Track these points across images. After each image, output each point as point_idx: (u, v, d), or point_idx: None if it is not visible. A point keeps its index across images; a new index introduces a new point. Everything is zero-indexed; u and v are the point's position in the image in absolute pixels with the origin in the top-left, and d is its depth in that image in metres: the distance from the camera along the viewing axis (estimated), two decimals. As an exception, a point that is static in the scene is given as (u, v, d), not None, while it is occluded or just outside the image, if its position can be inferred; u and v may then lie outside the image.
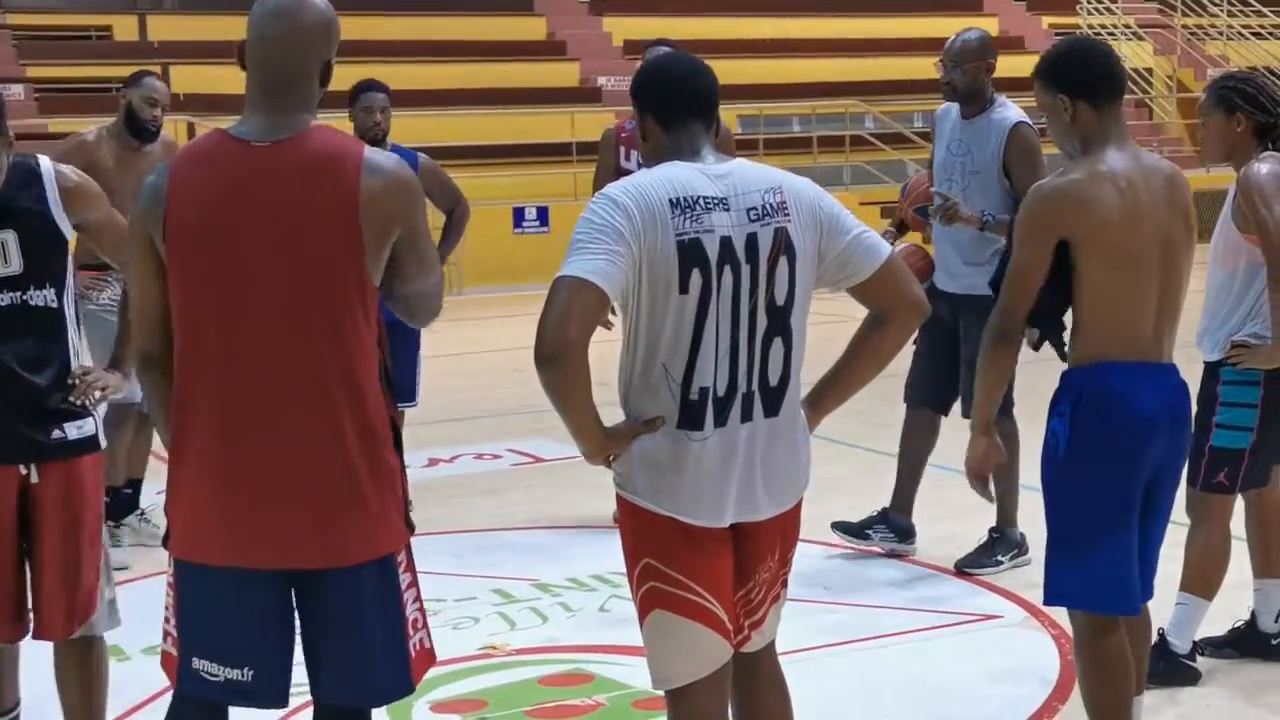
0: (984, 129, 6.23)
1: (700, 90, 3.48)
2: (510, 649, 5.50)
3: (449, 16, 22.57)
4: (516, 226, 18.44)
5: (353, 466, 3.18)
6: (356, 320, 3.17)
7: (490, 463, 8.77)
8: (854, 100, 20.87)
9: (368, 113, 7.31)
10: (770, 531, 3.46)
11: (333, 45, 3.27)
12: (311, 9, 3.24)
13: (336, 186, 3.13)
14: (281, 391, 3.16)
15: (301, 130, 3.19)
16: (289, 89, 3.21)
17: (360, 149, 3.21)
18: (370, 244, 3.15)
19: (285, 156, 3.16)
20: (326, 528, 3.18)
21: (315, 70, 3.24)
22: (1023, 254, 3.97)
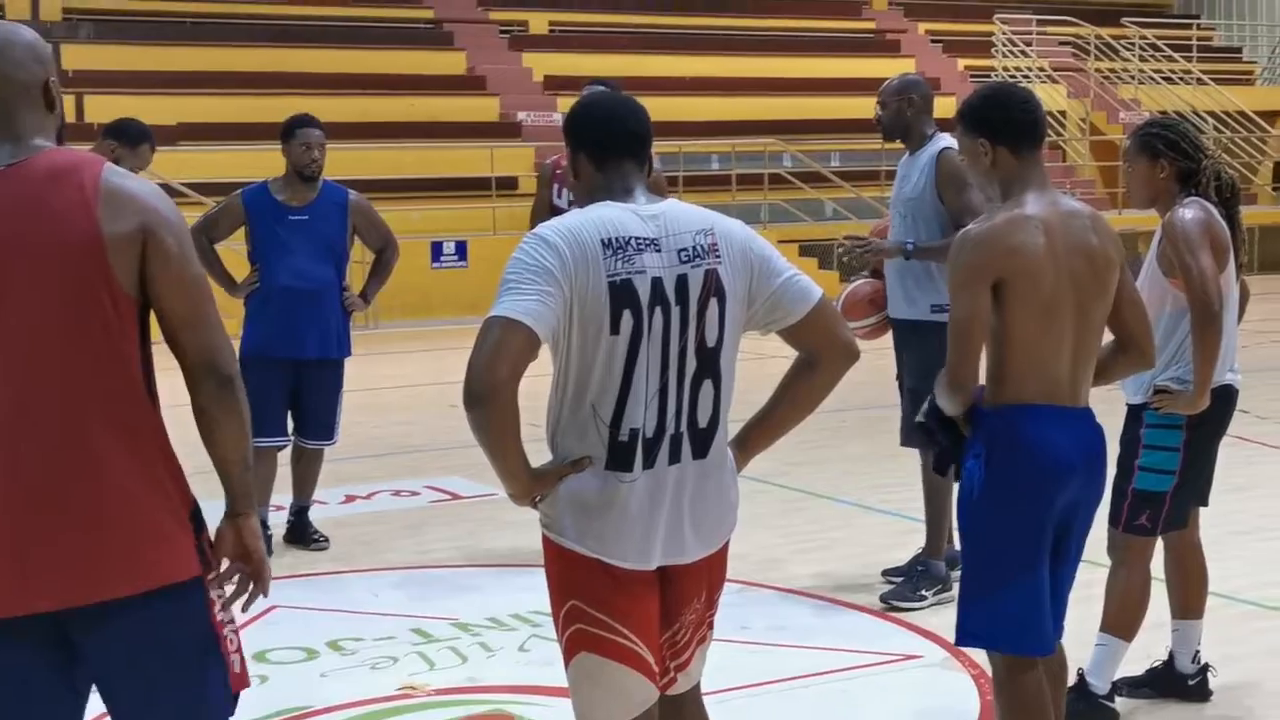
0: (919, 160, 6.47)
1: (633, 130, 3.47)
2: (429, 689, 5.44)
3: (368, 50, 22.51)
4: (434, 261, 18.38)
5: (122, 491, 3.00)
6: (111, 331, 3.01)
7: (408, 500, 8.70)
8: (772, 139, 21.01)
9: (305, 149, 7.25)
10: (697, 573, 3.45)
11: (47, 67, 3.13)
12: (16, 33, 3.12)
13: (73, 196, 3.00)
14: (35, 418, 2.99)
15: (36, 153, 3.06)
16: (10, 118, 3.06)
17: (100, 162, 3.09)
18: (114, 251, 2.99)
19: (18, 177, 3.03)
20: (97, 562, 2.98)
21: (36, 93, 3.10)
22: (961, 303, 3.95)
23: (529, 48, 24.14)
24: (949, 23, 28.42)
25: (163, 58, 20.52)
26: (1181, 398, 4.84)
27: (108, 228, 2.99)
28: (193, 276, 3.09)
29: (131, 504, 3.02)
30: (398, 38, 23.70)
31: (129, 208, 3.02)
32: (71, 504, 2.99)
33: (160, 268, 3.04)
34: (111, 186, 3.03)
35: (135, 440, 3.05)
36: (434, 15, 24.63)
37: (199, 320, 3.07)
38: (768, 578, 6.69)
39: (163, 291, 3.04)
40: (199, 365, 3.07)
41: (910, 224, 6.43)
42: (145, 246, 3.02)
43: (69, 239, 2.99)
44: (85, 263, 2.99)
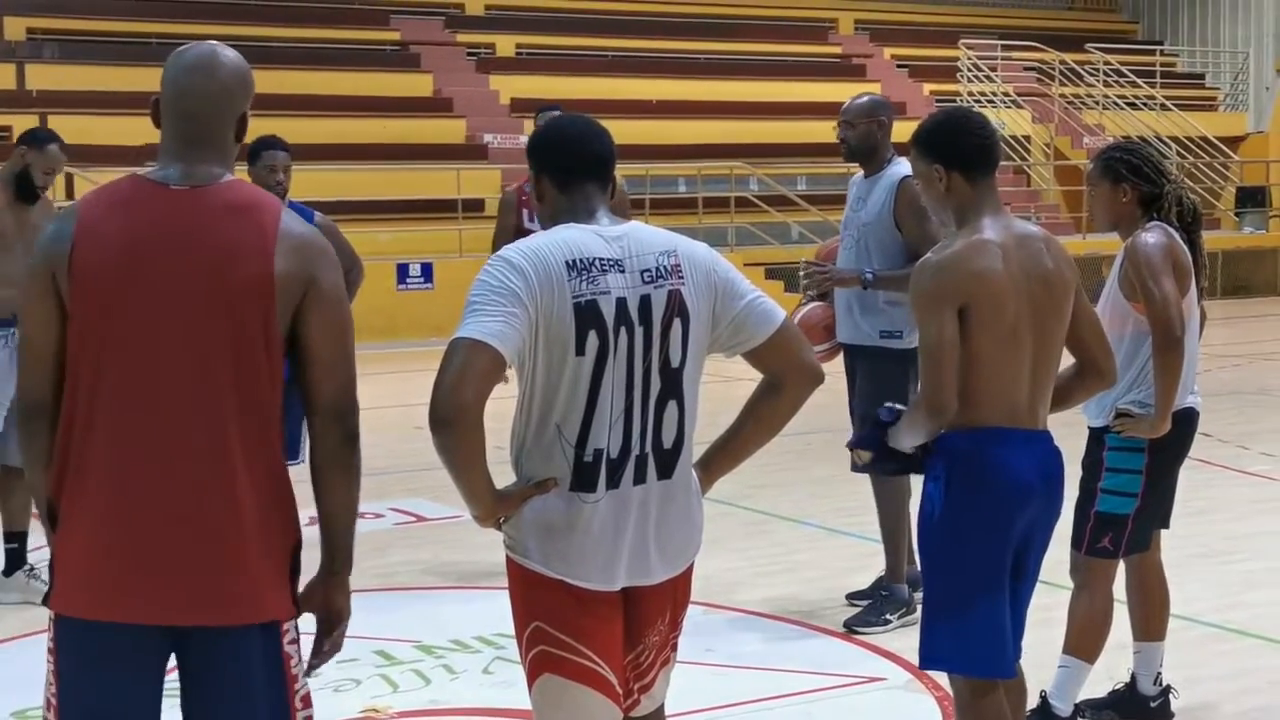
0: (877, 184, 6.42)
1: (596, 152, 3.48)
2: (392, 712, 5.42)
3: (334, 71, 22.51)
4: (400, 283, 18.36)
5: (244, 524, 3.08)
6: (260, 371, 3.08)
7: (372, 522, 8.66)
8: (739, 162, 21.06)
9: (270, 171, 7.25)
10: (661, 595, 3.44)
11: (248, 98, 3.22)
12: (227, 63, 3.19)
13: (253, 232, 3.07)
14: (178, 439, 3.05)
15: (219, 179, 3.14)
16: (205, 141, 3.14)
17: (277, 203, 3.17)
18: (281, 292, 3.07)
19: (204, 200, 3.10)
20: (211, 584, 3.07)
21: (231, 123, 3.18)
22: (929, 330, 3.96)
23: (496, 70, 24.18)
24: (914, 48, 28.60)
25: (128, 78, 20.44)
26: (1143, 422, 4.86)
27: (280, 267, 3.05)
28: (345, 324, 3.19)
29: (256, 540, 3.09)
30: (365, 59, 23.71)
31: (301, 252, 3.09)
32: (204, 531, 3.05)
33: (317, 312, 3.11)
34: (288, 229, 3.10)
35: (266, 477, 3.12)
36: (401, 37, 24.66)
37: (340, 366, 3.17)
38: (732, 600, 6.69)
39: (315, 334, 3.11)
40: (331, 411, 3.16)
41: (863, 249, 6.37)
42: (308, 290, 3.09)
43: (241, 272, 3.04)
44: (251, 297, 3.04)
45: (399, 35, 24.70)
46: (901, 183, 6.29)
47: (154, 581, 3.06)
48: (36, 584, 6.87)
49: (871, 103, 6.57)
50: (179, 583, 3.06)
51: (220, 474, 3.06)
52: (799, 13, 28.90)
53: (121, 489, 3.07)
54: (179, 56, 3.20)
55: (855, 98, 6.62)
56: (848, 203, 6.62)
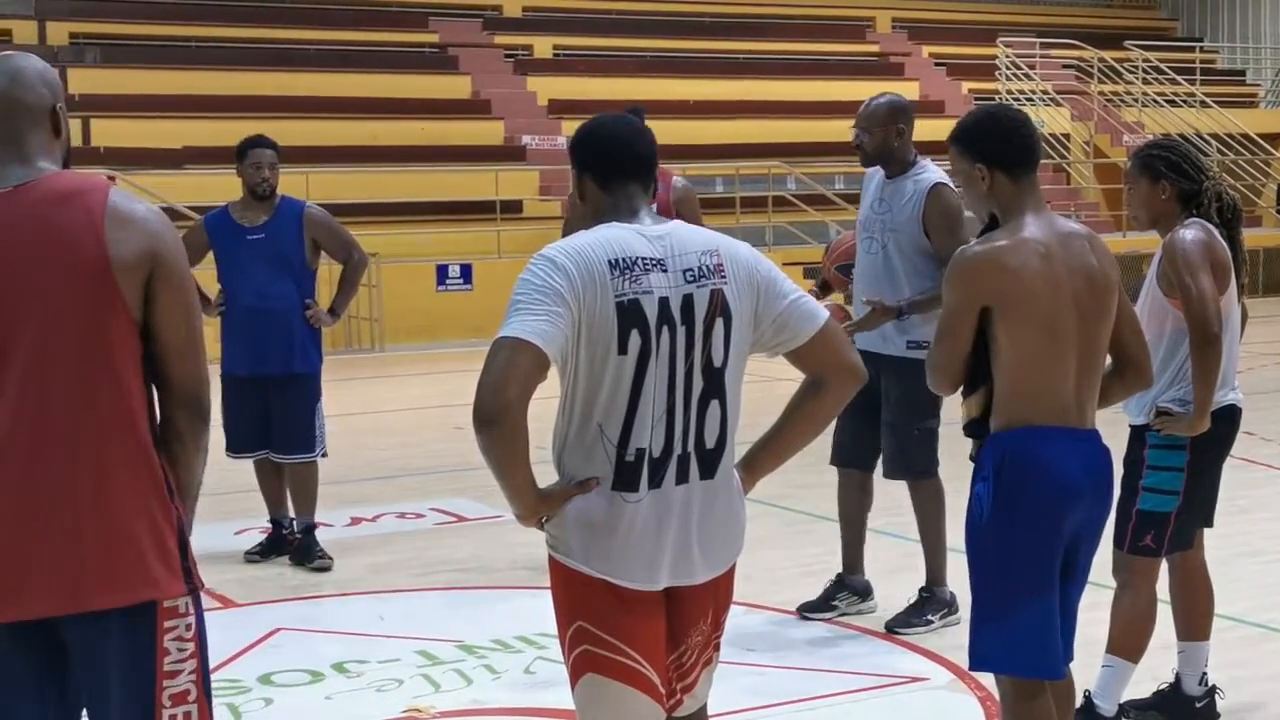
0: (904, 189, 6.30)
1: (639, 152, 3.48)
2: (435, 712, 5.43)
3: (376, 74, 22.58)
4: (440, 284, 18.40)
5: (102, 511, 3.05)
6: (115, 355, 3.06)
7: (413, 522, 8.69)
8: (776, 162, 21.04)
9: (255, 169, 7.40)
10: (704, 595, 3.45)
11: (55, 92, 3.19)
12: (27, 61, 3.18)
13: (80, 218, 3.05)
14: (35, 438, 3.04)
15: (41, 175, 3.11)
16: (19, 140, 3.12)
17: (105, 185, 3.14)
18: (121, 273, 3.04)
19: (26, 199, 3.07)
20: (68, 573, 3.04)
21: (44, 117, 3.15)
22: (948, 311, 4.04)
23: (533, 72, 24.21)
24: (952, 46, 28.49)
25: (168, 81, 20.59)
26: (1182, 420, 4.84)
27: (115, 250, 3.04)
28: (191, 304, 3.16)
29: (124, 524, 3.07)
30: (403, 62, 23.77)
31: (136, 230, 3.07)
32: (68, 520, 3.05)
33: (163, 292, 3.09)
34: (118, 209, 3.07)
35: (130, 462, 3.09)
36: (439, 40, 24.71)
37: (190, 349, 3.14)
38: (773, 600, 6.69)
39: (162, 317, 3.10)
40: (182, 394, 3.14)
41: (887, 255, 6.27)
42: (152, 271, 3.07)
43: (77, 260, 3.03)
44: (94, 285, 3.03)
45: (437, 37, 24.76)
46: (933, 190, 6.21)
47: (19, 579, 3.05)
48: None
49: (891, 108, 6.35)
50: (46, 578, 3.05)
51: (79, 463, 3.05)
52: (836, 11, 28.84)
53: None
54: None
55: (873, 99, 6.42)
56: (866, 200, 6.47)
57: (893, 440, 6.33)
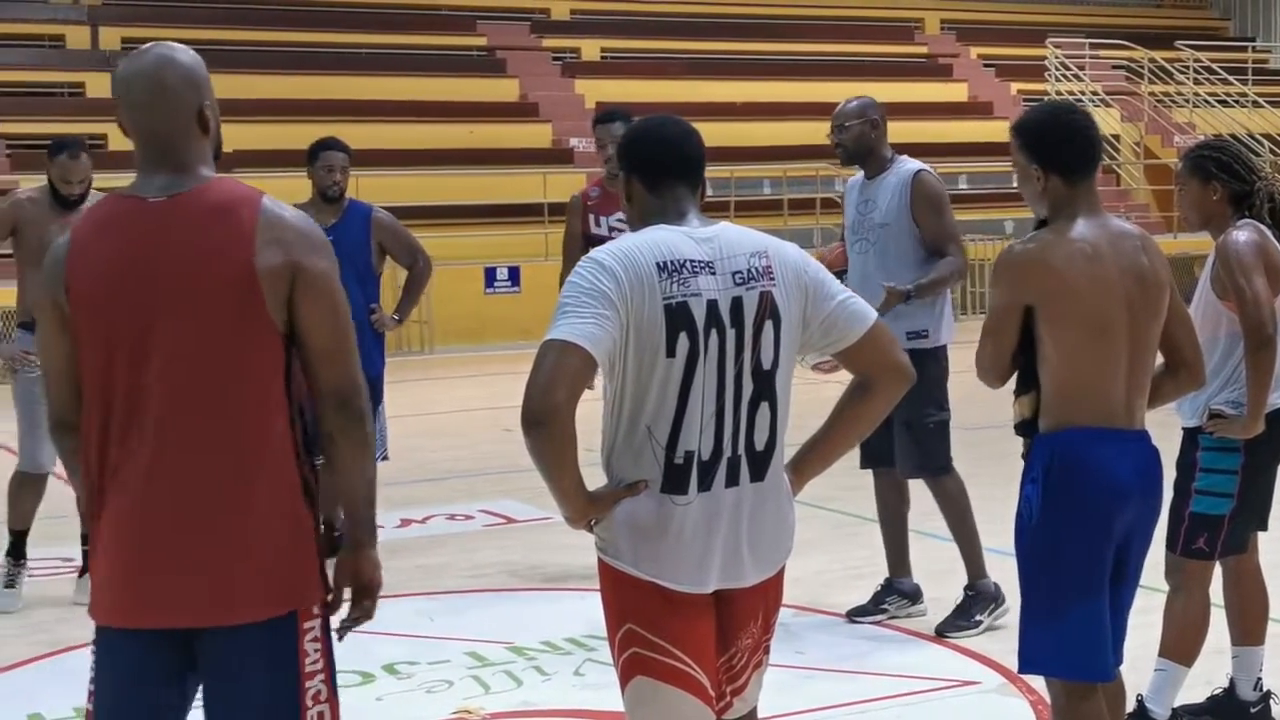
0: (887, 184, 6.38)
1: (687, 154, 3.48)
2: (485, 713, 5.45)
3: (424, 77, 22.66)
4: (488, 286, 18.45)
5: (251, 522, 3.10)
6: (256, 367, 3.10)
7: (462, 524, 8.72)
8: (824, 163, 20.97)
9: (327, 171, 7.39)
10: (754, 597, 3.44)
11: (201, 91, 3.21)
12: (173, 63, 3.19)
13: (231, 232, 3.09)
14: (179, 444, 3.09)
15: (199, 184, 3.15)
16: (169, 152, 3.16)
17: (258, 196, 3.17)
18: (267, 285, 3.08)
19: (181, 208, 3.12)
20: (216, 584, 3.09)
21: (189, 125, 3.18)
22: (993, 314, 4.04)
23: (581, 74, 24.24)
24: (1001, 47, 28.35)
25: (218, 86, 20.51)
26: (1235, 422, 4.80)
27: (261, 260, 3.07)
28: (336, 310, 3.17)
29: (266, 535, 3.11)
30: (452, 65, 23.84)
31: (283, 240, 3.10)
32: (209, 533, 3.09)
33: (307, 299, 3.12)
34: (269, 219, 3.11)
35: (270, 473, 3.13)
36: (487, 43, 24.78)
37: (339, 354, 3.17)
38: (822, 603, 6.68)
39: (308, 324, 3.13)
40: (332, 395, 3.17)
41: (880, 250, 6.32)
42: (295, 278, 3.11)
43: (226, 272, 3.07)
44: (239, 294, 3.07)
45: (485, 40, 24.83)
46: (916, 177, 6.31)
47: (160, 586, 3.10)
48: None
49: (862, 104, 6.51)
50: (184, 586, 3.09)
51: (223, 473, 3.09)
52: (885, 13, 28.75)
53: (131, 497, 3.11)
54: (127, 67, 3.21)
55: (847, 101, 6.58)
56: (849, 207, 6.56)
57: (906, 437, 6.30)
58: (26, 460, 7.07)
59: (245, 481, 3.10)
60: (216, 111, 3.24)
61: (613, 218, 7.14)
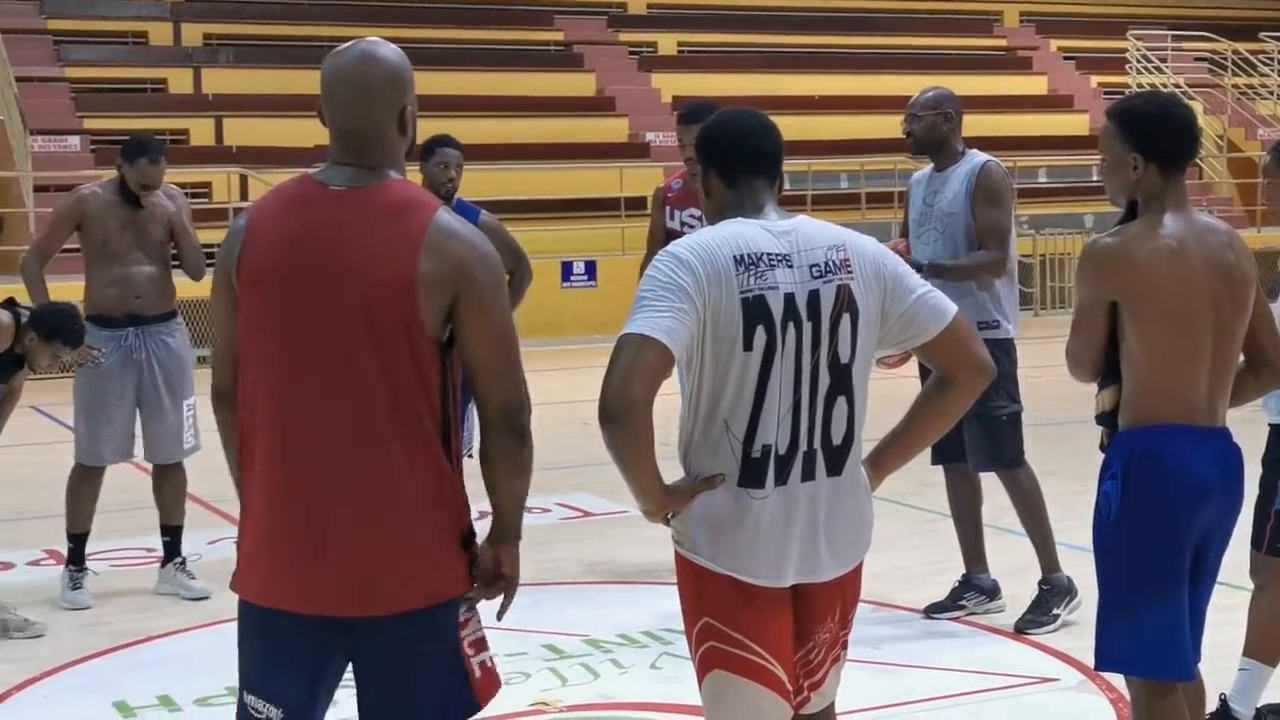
0: (957, 175, 6.38)
1: (764, 148, 3.47)
2: (562, 705, 5.46)
3: (499, 72, 22.74)
4: (564, 280, 18.50)
5: (403, 514, 3.15)
6: (405, 370, 3.13)
7: (538, 516, 8.75)
8: (902, 157, 20.83)
9: (442, 168, 7.41)
10: (831, 592, 3.43)
11: (404, 93, 3.25)
12: (378, 62, 3.23)
13: (400, 233, 3.13)
14: (332, 433, 3.14)
15: (382, 181, 3.20)
16: (363, 146, 3.21)
17: (435, 204, 3.21)
18: (424, 292, 3.11)
19: (360, 201, 3.17)
20: (375, 575, 3.15)
21: (388, 122, 3.23)
22: (1080, 308, 4.01)
23: (658, 69, 24.24)
24: (1082, 39, 28.07)
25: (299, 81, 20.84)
26: (1321, 420, 4.73)
27: (422, 270, 3.10)
28: (499, 326, 3.19)
29: (418, 528, 3.17)
30: (529, 60, 23.92)
31: (449, 253, 3.13)
32: (362, 522, 3.14)
33: (470, 314, 3.15)
34: (439, 230, 3.14)
35: (424, 468, 3.17)
36: (564, 37, 24.83)
37: (499, 371, 3.20)
38: (900, 599, 6.64)
39: (470, 338, 3.16)
40: (494, 414, 3.21)
41: (947, 240, 6.33)
42: (458, 294, 3.13)
43: (386, 271, 3.10)
44: (394, 299, 3.10)
45: (562, 35, 24.88)
46: (984, 167, 6.31)
47: (315, 573, 3.16)
48: (183, 577, 7.06)
49: (937, 95, 6.50)
50: (339, 575, 3.15)
51: (374, 466, 3.13)
52: (964, 5, 28.54)
53: (282, 479, 3.17)
54: (334, 59, 3.27)
55: (923, 92, 6.56)
56: (915, 200, 6.52)
57: (978, 429, 6.25)
58: (84, 453, 7.09)
59: (395, 471, 3.14)
60: (415, 110, 3.28)
61: (685, 212, 7.15)
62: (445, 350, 3.18)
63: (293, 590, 3.18)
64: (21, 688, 5.77)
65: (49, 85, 20.59)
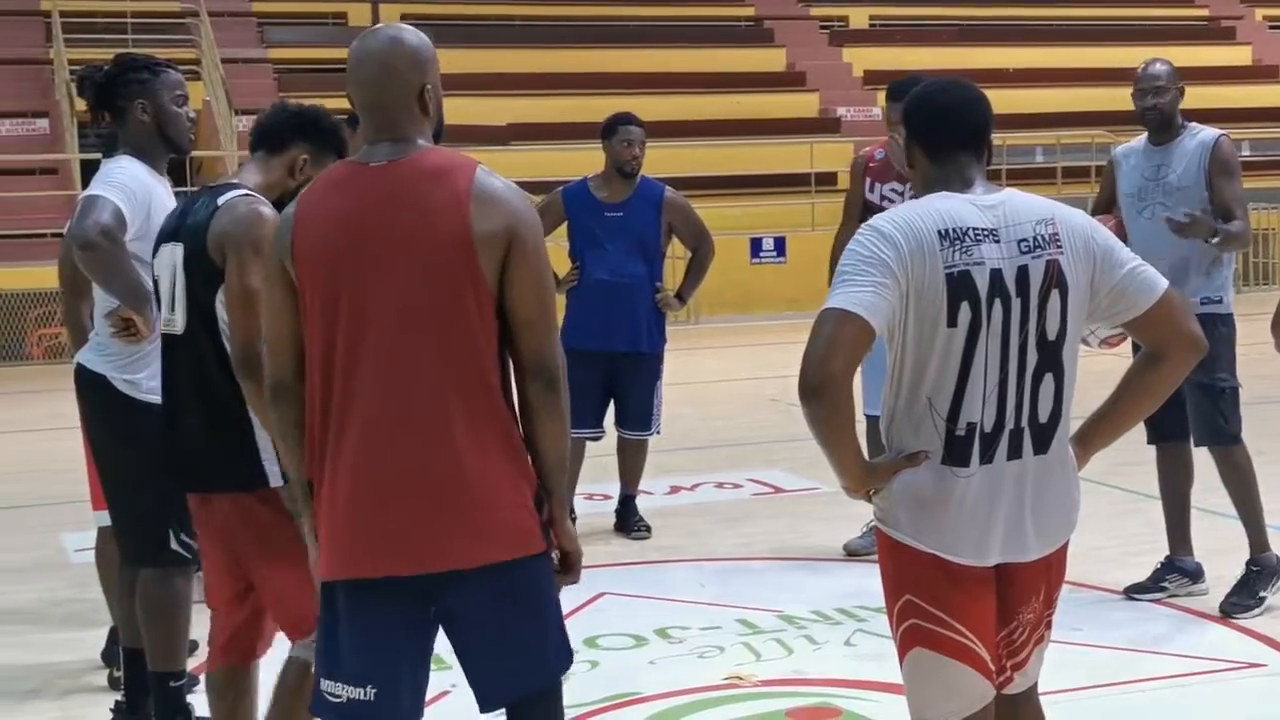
0: (1182, 150, 6.25)
1: (968, 121, 3.43)
2: (756, 680, 5.47)
3: (690, 49, 22.76)
4: (754, 257, 18.48)
5: (477, 473, 3.21)
6: (473, 329, 3.21)
7: (731, 492, 8.78)
8: (1100, 130, 20.44)
9: (625, 145, 7.48)
10: (1036, 572, 3.39)
11: (423, 74, 3.32)
12: (398, 43, 3.32)
13: (448, 194, 3.21)
14: (402, 400, 3.21)
15: (417, 150, 3.28)
16: (391, 125, 3.30)
17: (472, 163, 3.28)
18: (481, 248, 3.19)
19: (400, 171, 3.26)
20: (454, 532, 3.21)
21: (410, 101, 3.31)
22: None
23: (849, 43, 24.05)
24: (1289, 7, 27.20)
25: (494, 60, 21.17)
26: None
27: (477, 226, 3.19)
28: (544, 279, 3.29)
29: (486, 484, 3.22)
30: (719, 36, 23.90)
31: (497, 207, 3.22)
32: (433, 482, 3.21)
33: (518, 267, 3.23)
34: (483, 187, 3.23)
35: (489, 427, 3.24)
36: (755, 13, 24.76)
37: (540, 322, 3.27)
38: (1101, 579, 6.53)
39: (515, 291, 3.24)
40: (532, 365, 3.27)
41: (1173, 213, 6.10)
42: (509, 246, 3.21)
43: (443, 235, 3.19)
44: (454, 257, 3.19)
45: (753, 10, 24.80)
46: (1217, 142, 6.19)
47: (395, 536, 3.22)
48: None
49: (1170, 68, 6.38)
50: (417, 534, 3.21)
51: (446, 423, 3.19)
52: (1164, -26, 27.84)
53: (357, 452, 3.23)
54: (360, 41, 3.35)
55: (1150, 63, 6.41)
56: (1131, 175, 6.35)
57: (1204, 402, 6.12)
58: None
59: (467, 428, 3.20)
60: (439, 92, 3.37)
61: (886, 186, 7.07)
62: (501, 305, 3.24)
63: (386, 556, 3.23)
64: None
65: (253, 66, 21.15)
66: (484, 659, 3.32)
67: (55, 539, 8.03)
